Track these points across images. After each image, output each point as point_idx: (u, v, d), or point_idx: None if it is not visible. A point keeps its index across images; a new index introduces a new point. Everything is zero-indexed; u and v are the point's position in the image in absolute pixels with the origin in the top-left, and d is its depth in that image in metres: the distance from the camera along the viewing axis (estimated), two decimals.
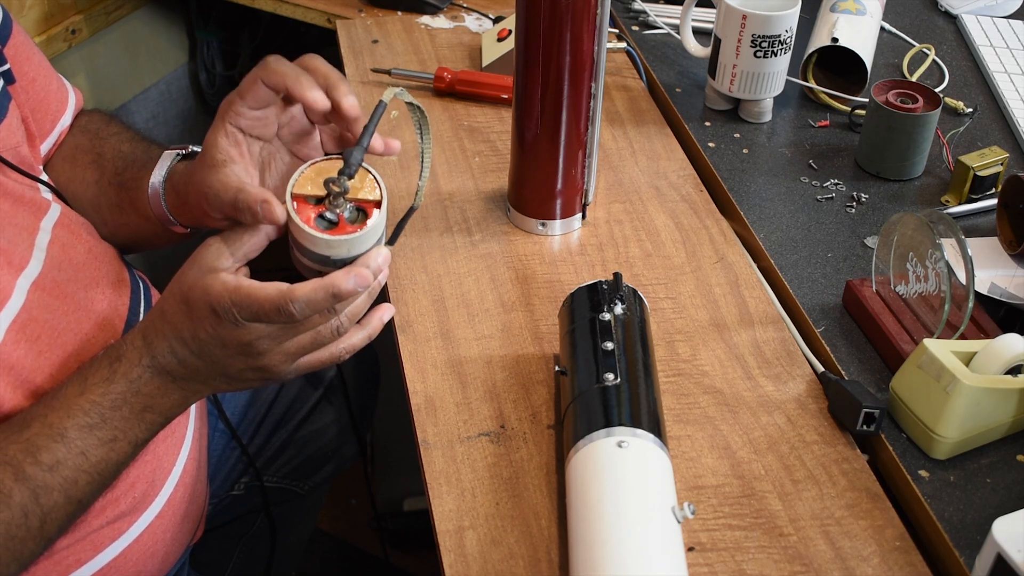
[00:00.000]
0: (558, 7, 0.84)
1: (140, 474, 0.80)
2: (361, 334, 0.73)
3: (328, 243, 0.68)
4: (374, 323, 0.74)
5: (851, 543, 0.70)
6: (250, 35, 1.88)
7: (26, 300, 0.73)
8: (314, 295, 0.66)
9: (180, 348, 0.69)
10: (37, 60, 0.87)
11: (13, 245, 0.75)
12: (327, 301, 0.66)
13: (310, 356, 0.72)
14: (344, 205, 0.70)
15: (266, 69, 0.71)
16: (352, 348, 0.73)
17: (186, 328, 0.68)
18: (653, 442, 0.67)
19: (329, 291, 0.66)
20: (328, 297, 0.66)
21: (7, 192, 0.77)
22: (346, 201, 0.70)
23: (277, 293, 0.65)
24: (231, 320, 0.66)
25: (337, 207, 0.70)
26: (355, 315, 0.71)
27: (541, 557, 0.68)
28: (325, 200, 0.70)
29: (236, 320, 0.66)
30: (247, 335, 0.67)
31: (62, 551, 0.76)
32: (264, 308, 0.65)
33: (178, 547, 0.87)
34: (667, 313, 0.88)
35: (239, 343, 0.68)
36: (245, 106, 0.72)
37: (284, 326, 0.68)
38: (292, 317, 0.66)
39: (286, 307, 0.65)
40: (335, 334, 0.71)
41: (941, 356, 0.73)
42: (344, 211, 0.70)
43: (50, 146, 0.89)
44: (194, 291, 0.67)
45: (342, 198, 0.69)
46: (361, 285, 0.67)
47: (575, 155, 0.93)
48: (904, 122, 1.00)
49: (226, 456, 1.06)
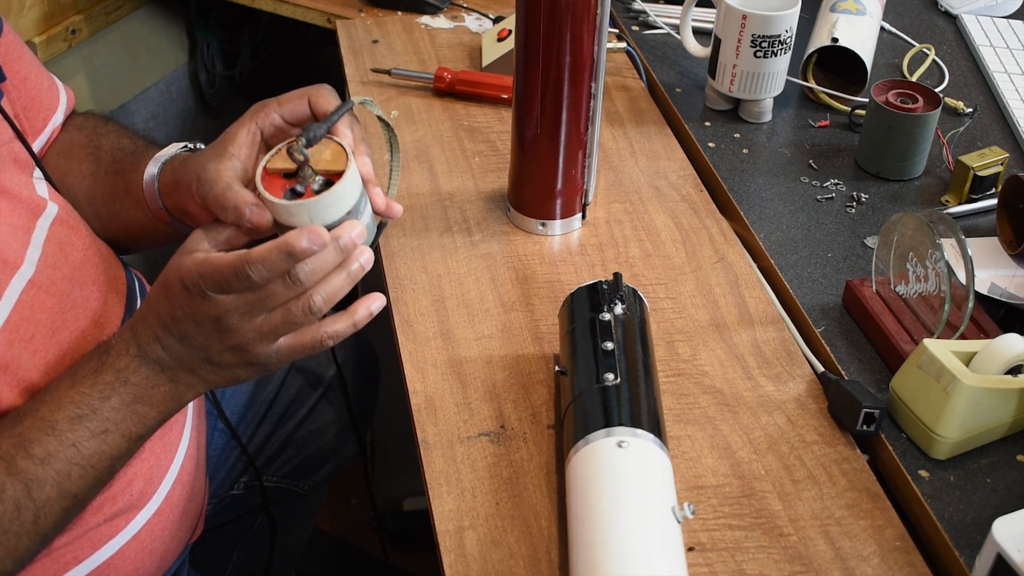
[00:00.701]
0: (558, 7, 0.84)
1: (137, 472, 0.80)
2: (345, 321, 0.71)
3: (287, 209, 0.69)
4: (360, 311, 0.72)
5: (851, 543, 0.70)
6: (250, 35, 1.88)
7: (19, 300, 0.73)
8: (268, 254, 0.65)
9: (163, 334, 0.69)
10: (28, 59, 0.87)
11: (7, 245, 0.75)
12: (283, 261, 0.65)
13: (291, 340, 0.70)
14: (313, 178, 0.71)
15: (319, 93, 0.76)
16: (336, 335, 0.71)
17: (166, 312, 0.69)
18: (653, 442, 0.67)
19: (283, 249, 0.65)
20: (283, 256, 0.65)
21: (4, 190, 0.77)
22: (315, 173, 0.71)
23: (234, 257, 0.65)
24: (199, 293, 0.66)
25: (306, 179, 0.71)
26: (331, 296, 0.69)
27: (541, 557, 0.68)
28: (296, 175, 0.71)
29: (203, 292, 0.66)
30: (215, 308, 0.67)
31: (59, 549, 0.76)
32: (224, 274, 0.65)
33: (176, 545, 0.87)
34: (667, 313, 0.88)
35: (209, 317, 0.67)
36: (280, 112, 0.76)
37: (251, 300, 0.67)
38: (250, 279, 0.65)
39: (243, 268, 0.65)
40: (307, 313, 0.68)
41: (941, 356, 0.73)
42: (313, 183, 0.71)
43: (42, 144, 0.90)
44: (170, 275, 0.68)
45: (309, 169, 0.71)
46: (316, 243, 0.65)
47: (575, 155, 0.93)
48: (904, 122, 1.00)
49: (226, 455, 1.06)
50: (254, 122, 0.76)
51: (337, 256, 0.68)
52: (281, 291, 0.67)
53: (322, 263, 0.67)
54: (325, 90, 0.77)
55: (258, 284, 0.66)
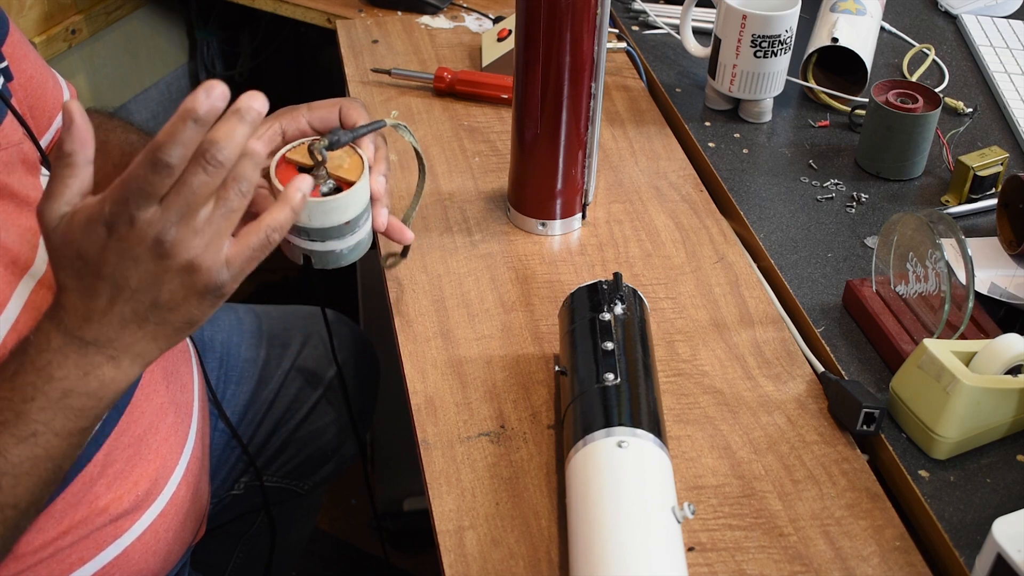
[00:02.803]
0: (558, 7, 0.84)
1: (144, 472, 0.80)
2: (283, 209, 0.66)
3: None
4: (292, 193, 0.66)
5: (851, 543, 0.70)
6: (250, 35, 1.89)
7: (28, 300, 0.73)
8: (173, 127, 0.58)
9: (93, 304, 0.63)
10: (33, 57, 0.88)
11: (17, 246, 0.75)
12: (190, 129, 0.58)
13: (237, 245, 0.64)
14: (325, 179, 0.72)
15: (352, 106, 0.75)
16: (278, 224, 0.65)
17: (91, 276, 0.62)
18: (653, 442, 0.67)
19: (185, 116, 0.58)
20: (189, 124, 0.58)
21: (12, 194, 0.77)
22: (327, 175, 0.71)
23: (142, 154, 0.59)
24: (125, 221, 0.60)
25: (318, 178, 0.71)
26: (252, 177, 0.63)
27: (541, 557, 0.68)
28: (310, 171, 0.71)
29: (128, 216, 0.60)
30: (148, 229, 0.60)
31: (64, 549, 0.76)
32: (139, 175, 0.59)
33: (180, 546, 0.87)
34: (667, 313, 0.88)
35: (146, 244, 0.61)
36: (308, 118, 0.76)
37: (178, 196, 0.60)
38: (168, 166, 0.59)
39: (156, 157, 0.58)
40: (240, 190, 0.62)
41: (941, 356, 0.73)
42: (323, 185, 0.72)
43: (47, 142, 0.90)
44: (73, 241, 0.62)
45: (324, 170, 0.71)
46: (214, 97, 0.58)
47: (575, 155, 0.93)
48: (904, 122, 1.00)
49: (226, 455, 1.06)
50: (279, 122, 0.76)
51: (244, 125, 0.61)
52: (205, 180, 0.60)
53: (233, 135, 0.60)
54: (358, 104, 0.77)
55: (177, 167, 0.59)
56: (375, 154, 0.77)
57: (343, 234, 0.73)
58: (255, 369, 1.11)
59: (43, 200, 0.62)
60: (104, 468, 0.77)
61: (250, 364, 1.11)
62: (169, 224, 0.61)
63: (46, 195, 0.62)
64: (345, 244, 0.74)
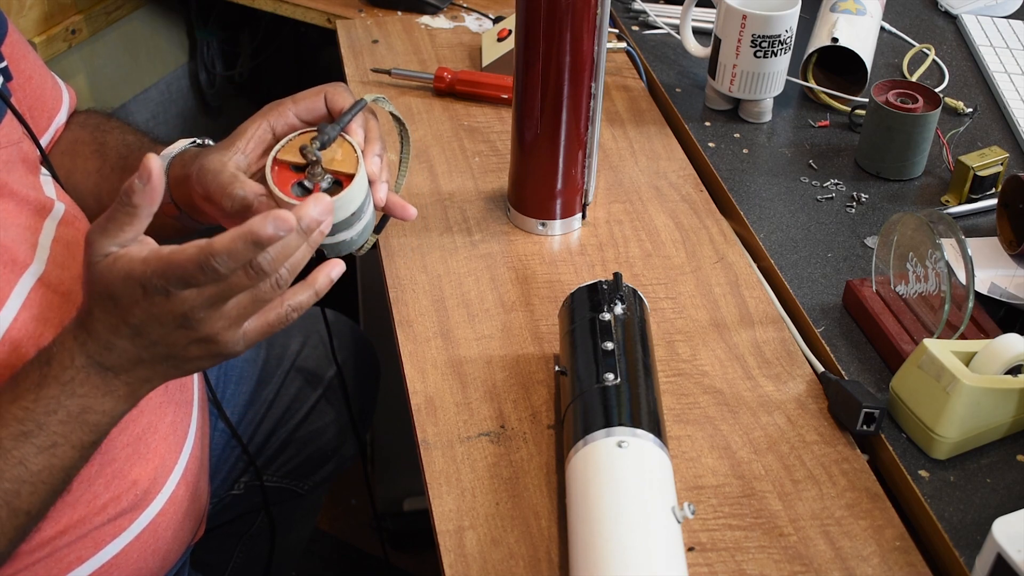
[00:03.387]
0: (558, 7, 0.84)
1: (143, 471, 0.80)
2: (307, 292, 0.69)
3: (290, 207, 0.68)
4: (320, 279, 0.69)
5: (851, 543, 0.70)
6: (250, 35, 1.88)
7: (27, 298, 0.73)
8: (233, 244, 0.61)
9: (117, 341, 0.66)
10: (32, 58, 0.88)
11: (16, 244, 0.75)
12: (248, 249, 0.62)
13: (256, 321, 0.67)
14: (322, 175, 0.72)
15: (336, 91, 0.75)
16: (299, 307, 0.69)
17: (119, 319, 0.65)
18: (653, 442, 0.67)
19: (248, 238, 0.61)
20: (249, 245, 0.61)
21: (11, 192, 0.77)
22: (324, 172, 0.72)
23: (196, 250, 0.62)
24: (160, 292, 0.63)
25: (315, 176, 0.72)
26: (295, 267, 0.66)
27: (541, 557, 0.68)
28: (305, 169, 0.71)
29: (165, 290, 0.63)
30: (180, 305, 0.63)
31: (63, 548, 0.76)
32: (187, 269, 0.62)
33: (179, 545, 0.87)
34: (667, 313, 0.88)
35: (175, 315, 0.64)
36: (294, 111, 0.76)
37: (216, 287, 0.63)
38: (216, 272, 0.62)
39: (208, 262, 0.61)
40: (275, 288, 0.66)
41: (941, 356, 0.73)
42: (322, 181, 0.72)
43: (47, 143, 0.90)
44: (114, 283, 0.64)
45: (319, 167, 0.71)
46: (281, 228, 0.62)
47: (575, 155, 0.93)
48: (904, 122, 1.00)
49: (226, 455, 1.06)
50: (266, 120, 0.76)
51: (300, 239, 0.65)
52: (244, 281, 0.64)
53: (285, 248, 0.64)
54: (341, 88, 0.77)
55: (225, 276, 0.63)
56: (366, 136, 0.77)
57: (350, 224, 0.74)
58: (255, 369, 1.11)
59: (96, 231, 0.65)
60: (103, 467, 0.77)
61: (250, 364, 1.11)
62: (200, 306, 0.64)
63: (100, 229, 0.65)
64: (354, 231, 0.75)
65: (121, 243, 0.64)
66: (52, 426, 0.66)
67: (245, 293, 0.65)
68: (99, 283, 0.65)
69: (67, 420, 0.66)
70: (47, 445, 0.66)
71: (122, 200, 0.63)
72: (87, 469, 0.76)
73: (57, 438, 0.66)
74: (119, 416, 0.70)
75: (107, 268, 0.64)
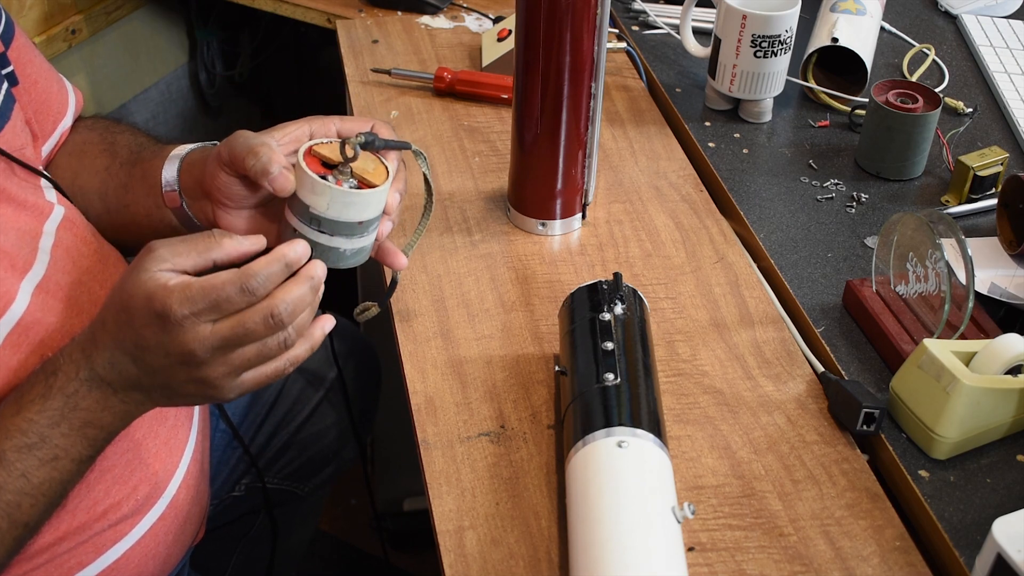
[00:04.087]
0: (558, 7, 0.84)
1: (143, 476, 0.80)
2: (304, 345, 0.71)
3: (315, 185, 0.70)
4: (316, 333, 0.72)
5: (851, 543, 0.70)
6: (250, 35, 1.89)
7: (30, 303, 0.73)
8: (269, 267, 0.66)
9: (121, 358, 0.67)
10: (38, 62, 0.88)
11: (17, 248, 0.75)
12: (281, 271, 0.67)
13: (255, 372, 0.69)
14: (348, 177, 0.73)
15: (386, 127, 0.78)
16: (296, 360, 0.71)
17: (128, 337, 0.66)
18: (653, 442, 0.67)
19: (281, 261, 0.67)
20: (282, 267, 0.67)
21: (11, 197, 0.77)
22: (352, 173, 0.73)
23: (235, 273, 0.65)
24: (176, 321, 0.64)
25: (342, 174, 0.73)
26: (301, 328, 0.69)
27: (541, 557, 0.68)
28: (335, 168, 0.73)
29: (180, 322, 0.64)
30: (191, 341, 0.65)
31: (63, 554, 0.75)
32: (226, 290, 0.64)
33: (180, 549, 0.87)
34: (667, 313, 0.88)
35: (181, 350, 0.65)
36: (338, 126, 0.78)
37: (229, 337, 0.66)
38: (255, 292, 0.65)
39: (248, 282, 0.65)
40: (282, 347, 0.68)
41: (941, 356, 0.73)
42: (345, 182, 0.73)
43: (51, 147, 0.90)
44: (135, 298, 0.65)
45: (349, 167, 0.73)
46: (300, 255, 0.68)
47: (575, 155, 0.93)
48: (904, 122, 1.00)
49: (227, 457, 1.06)
50: (309, 125, 0.77)
51: (312, 296, 0.69)
52: (262, 330, 0.66)
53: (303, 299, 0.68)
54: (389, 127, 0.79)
55: (259, 296, 0.66)
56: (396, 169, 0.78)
57: (352, 234, 0.74)
58: None
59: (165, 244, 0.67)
60: (103, 473, 0.77)
61: None
62: (209, 347, 0.66)
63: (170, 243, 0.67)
64: (351, 245, 0.74)
65: (175, 266, 0.67)
66: (55, 439, 0.67)
67: (253, 345, 0.67)
68: (125, 292, 0.66)
69: (69, 433, 0.67)
70: (49, 458, 0.67)
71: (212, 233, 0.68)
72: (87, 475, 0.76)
73: (59, 451, 0.67)
74: (114, 433, 0.71)
75: (141, 281, 0.66)
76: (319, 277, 0.69)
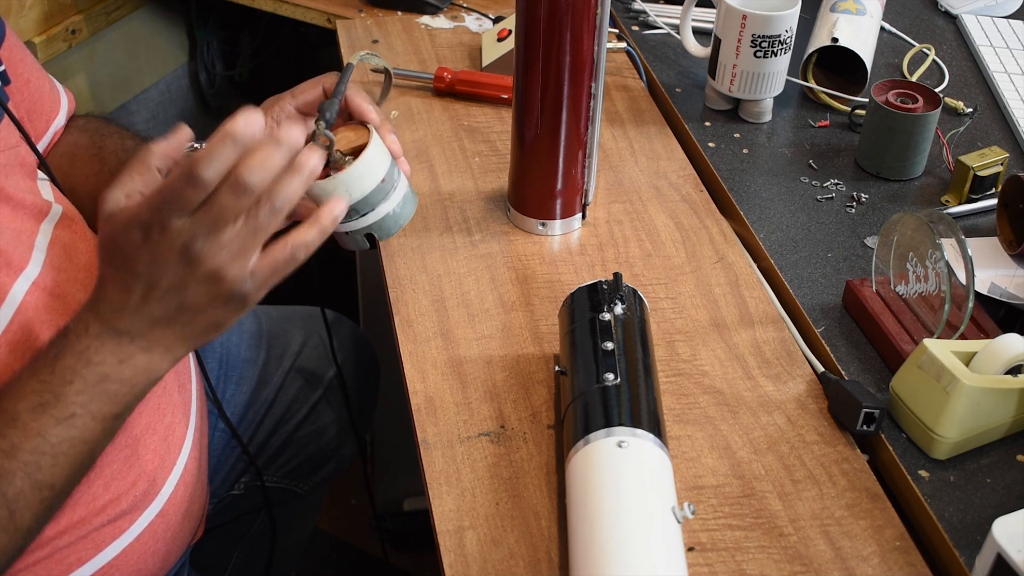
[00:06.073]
0: (558, 7, 0.84)
1: (141, 472, 0.80)
2: (312, 230, 0.68)
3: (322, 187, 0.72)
4: (323, 216, 0.69)
5: (851, 543, 0.70)
6: (250, 35, 1.89)
7: (23, 302, 0.73)
8: (211, 147, 0.62)
9: (127, 298, 0.66)
10: (29, 62, 0.88)
11: (12, 247, 0.75)
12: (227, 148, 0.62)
13: (263, 259, 0.66)
14: (343, 158, 0.74)
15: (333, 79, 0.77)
16: (306, 245, 0.68)
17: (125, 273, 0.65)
18: (653, 442, 0.67)
19: (223, 137, 0.62)
20: (227, 142, 0.62)
21: (8, 197, 0.77)
22: (343, 155, 0.73)
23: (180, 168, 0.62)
24: (157, 227, 0.63)
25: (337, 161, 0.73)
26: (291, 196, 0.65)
27: (541, 557, 0.68)
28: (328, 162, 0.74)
29: (161, 224, 0.63)
30: (177, 237, 0.63)
31: (62, 550, 0.75)
32: (172, 186, 0.62)
33: (179, 546, 0.87)
34: (667, 313, 0.88)
35: (174, 251, 0.64)
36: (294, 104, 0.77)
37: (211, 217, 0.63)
38: (203, 179, 0.61)
39: (192, 171, 0.61)
40: (271, 213, 0.64)
41: (941, 356, 0.73)
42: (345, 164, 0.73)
43: (44, 147, 0.90)
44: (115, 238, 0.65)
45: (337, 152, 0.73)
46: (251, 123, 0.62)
47: (575, 155, 0.93)
48: (904, 122, 1.00)
49: (226, 456, 1.06)
50: (268, 115, 0.77)
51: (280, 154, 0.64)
52: (234, 201, 0.63)
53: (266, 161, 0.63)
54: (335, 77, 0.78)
55: (211, 181, 0.62)
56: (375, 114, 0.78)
57: (386, 193, 0.75)
58: (255, 369, 1.11)
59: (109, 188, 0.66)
60: (101, 468, 0.77)
61: (250, 364, 1.11)
62: (197, 235, 0.63)
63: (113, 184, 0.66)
64: (393, 203, 0.75)
65: (128, 192, 0.65)
66: (70, 396, 0.66)
67: (241, 221, 0.64)
68: (107, 240, 0.66)
69: (84, 390, 0.66)
70: (65, 416, 0.66)
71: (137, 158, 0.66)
72: None
73: (76, 408, 0.66)
74: (142, 387, 0.69)
75: (112, 223, 0.65)
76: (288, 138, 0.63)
